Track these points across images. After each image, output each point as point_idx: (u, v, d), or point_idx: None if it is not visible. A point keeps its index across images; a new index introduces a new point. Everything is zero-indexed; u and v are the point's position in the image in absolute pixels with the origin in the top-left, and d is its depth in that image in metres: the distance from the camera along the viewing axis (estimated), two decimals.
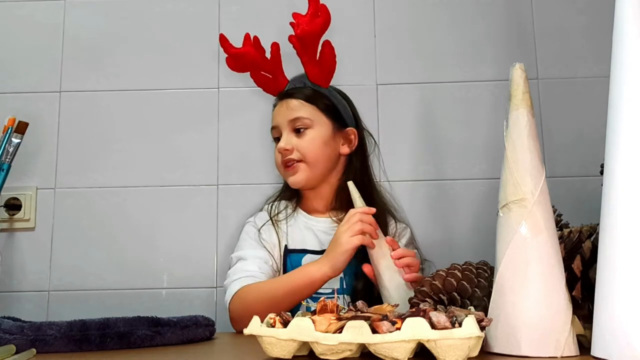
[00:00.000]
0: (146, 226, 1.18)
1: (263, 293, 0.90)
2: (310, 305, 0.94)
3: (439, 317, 0.50)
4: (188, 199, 1.19)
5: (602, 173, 0.54)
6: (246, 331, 0.56)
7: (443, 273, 0.71)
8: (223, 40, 1.04)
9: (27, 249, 1.17)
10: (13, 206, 1.17)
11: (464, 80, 1.21)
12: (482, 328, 0.51)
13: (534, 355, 0.52)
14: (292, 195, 1.09)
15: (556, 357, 0.52)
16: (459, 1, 1.24)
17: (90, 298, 1.15)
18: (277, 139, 1.04)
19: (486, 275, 0.70)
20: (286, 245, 1.02)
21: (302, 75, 1.05)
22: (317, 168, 1.02)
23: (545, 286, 0.54)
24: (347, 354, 0.53)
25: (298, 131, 1.01)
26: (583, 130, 1.17)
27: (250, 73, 1.07)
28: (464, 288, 0.69)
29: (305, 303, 0.93)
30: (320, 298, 0.60)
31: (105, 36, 1.25)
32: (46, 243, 1.17)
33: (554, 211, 0.63)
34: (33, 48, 1.25)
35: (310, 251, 1.01)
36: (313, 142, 1.01)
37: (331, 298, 0.59)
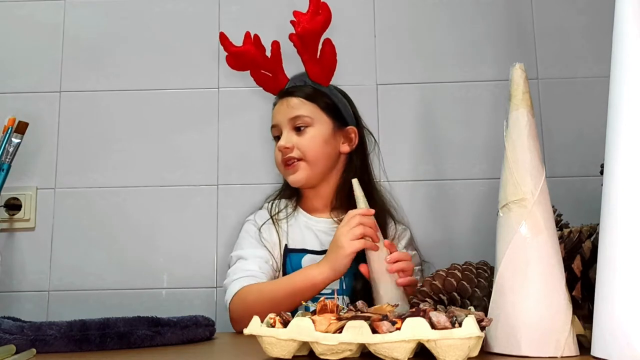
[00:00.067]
0: (146, 226, 1.18)
1: (264, 294, 0.90)
2: (309, 305, 0.94)
3: (439, 317, 0.50)
4: (188, 199, 1.19)
5: (602, 173, 0.54)
6: (246, 331, 0.56)
7: (443, 273, 0.71)
8: (223, 38, 1.04)
9: (27, 249, 1.17)
10: (13, 206, 1.17)
11: (464, 80, 1.21)
12: (482, 328, 0.51)
13: (534, 355, 0.53)
14: (292, 194, 1.09)
15: (556, 357, 0.52)
16: (459, 1, 1.24)
17: (90, 298, 1.15)
18: (277, 138, 1.03)
19: (486, 275, 0.71)
20: (286, 244, 1.02)
21: (303, 73, 1.05)
22: (317, 167, 1.02)
23: (545, 286, 0.54)
24: (347, 354, 0.53)
25: (298, 129, 1.01)
26: (583, 130, 1.17)
27: (250, 72, 1.07)
28: (464, 288, 0.69)
29: (304, 303, 0.93)
30: (320, 298, 0.60)
31: (105, 36, 1.25)
32: (46, 243, 1.17)
33: (554, 211, 0.64)
34: (33, 48, 1.25)
35: (310, 251, 1.00)
36: (313, 141, 1.01)
37: (331, 298, 0.59)
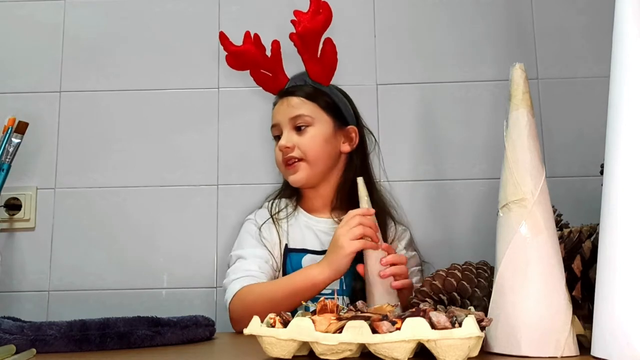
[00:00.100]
0: (146, 226, 1.18)
1: (264, 294, 0.90)
2: (309, 305, 0.94)
3: (439, 317, 0.50)
4: (188, 199, 1.19)
5: (602, 173, 0.54)
6: (246, 331, 0.56)
7: (443, 273, 0.71)
8: (223, 38, 1.04)
9: (27, 249, 1.17)
10: (13, 206, 1.17)
11: (464, 80, 1.21)
12: (482, 328, 0.51)
13: (534, 355, 0.52)
14: (292, 193, 1.08)
15: (556, 357, 0.52)
16: (459, 1, 1.24)
17: (90, 298, 1.15)
18: (278, 138, 1.03)
19: (486, 275, 0.71)
20: (286, 244, 1.01)
21: (303, 73, 1.04)
22: (318, 166, 1.01)
23: (545, 286, 0.54)
24: (347, 354, 0.53)
25: (299, 129, 1.01)
26: (583, 130, 1.17)
27: (250, 71, 1.06)
28: (464, 288, 0.69)
29: (304, 303, 0.93)
30: (320, 298, 0.60)
31: (105, 36, 1.25)
32: (46, 243, 1.17)
33: (554, 211, 0.64)
34: (33, 48, 1.24)
35: (310, 251, 1.00)
36: (314, 140, 1.01)
37: (331, 299, 0.59)
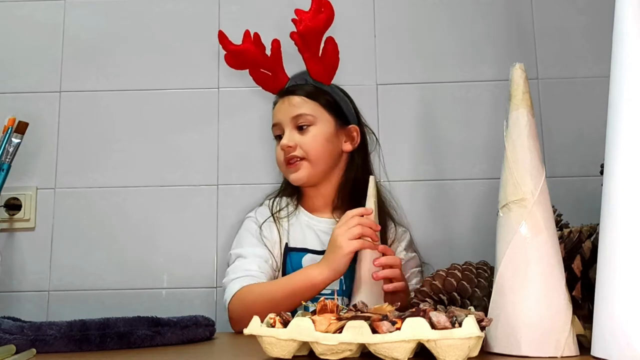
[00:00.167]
0: (146, 226, 1.18)
1: (263, 294, 0.89)
2: (309, 305, 0.94)
3: (439, 317, 0.50)
4: (188, 199, 1.19)
5: (602, 173, 0.54)
6: (246, 331, 0.56)
7: (443, 273, 0.71)
8: (222, 37, 1.03)
9: (27, 249, 1.17)
10: (13, 206, 1.17)
11: (464, 80, 1.21)
12: (482, 328, 0.51)
13: (534, 355, 0.52)
14: (293, 192, 1.08)
15: (556, 357, 0.52)
16: (459, 1, 1.24)
17: (90, 298, 1.15)
18: (279, 137, 1.03)
19: (486, 275, 0.71)
20: (287, 243, 1.01)
21: (303, 72, 1.04)
22: (319, 165, 1.01)
23: (545, 286, 0.54)
24: (347, 354, 0.53)
25: (301, 128, 1.01)
26: (583, 130, 1.17)
27: (249, 70, 1.06)
28: (464, 288, 0.69)
29: (304, 303, 0.93)
30: (319, 298, 0.60)
31: (105, 36, 1.25)
32: (46, 243, 1.17)
33: (554, 211, 0.64)
34: (33, 48, 1.24)
35: (311, 251, 1.00)
36: (316, 139, 1.00)
37: (331, 299, 0.59)
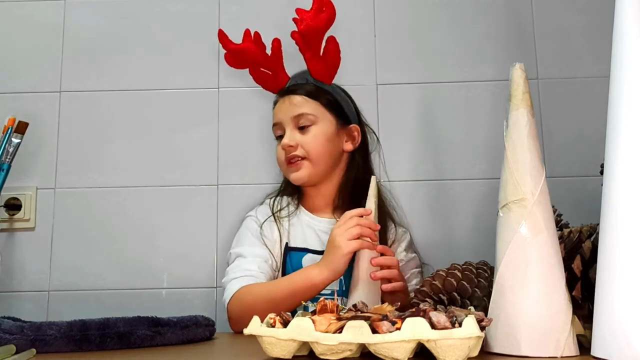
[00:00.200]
0: (146, 226, 1.18)
1: (262, 295, 0.89)
2: (308, 305, 0.94)
3: (439, 317, 0.50)
4: (188, 199, 1.19)
5: (602, 173, 0.54)
6: (246, 331, 0.56)
7: (443, 273, 0.71)
8: (222, 36, 1.03)
9: (27, 249, 1.17)
10: (13, 206, 1.17)
11: (464, 80, 1.21)
12: (482, 328, 0.51)
13: (534, 355, 0.52)
14: (293, 191, 1.08)
15: (556, 357, 0.52)
16: (459, 1, 1.24)
17: (90, 298, 1.15)
18: (279, 136, 1.03)
19: (486, 275, 0.71)
20: (287, 243, 1.01)
21: (304, 71, 1.04)
22: (320, 165, 1.01)
23: (545, 286, 0.54)
24: (347, 354, 0.53)
25: (302, 128, 1.01)
26: (583, 130, 1.17)
27: (249, 70, 1.06)
28: (464, 288, 0.69)
29: (304, 302, 0.93)
30: (319, 299, 0.60)
31: (105, 36, 1.25)
32: (46, 243, 1.17)
33: (554, 211, 0.64)
34: (33, 48, 1.24)
35: (311, 250, 1.00)
36: (317, 139, 1.00)
37: (331, 299, 0.59)
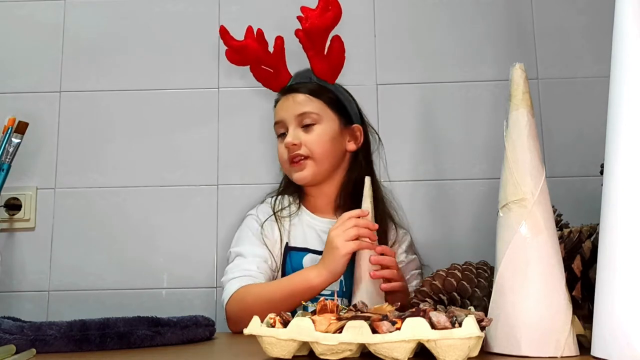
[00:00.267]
0: (146, 226, 1.18)
1: (261, 295, 0.89)
2: (308, 305, 0.93)
3: (439, 317, 0.50)
4: (188, 199, 1.19)
5: (602, 173, 0.54)
6: (246, 331, 0.56)
7: (443, 273, 0.71)
8: (223, 32, 1.02)
9: (27, 249, 1.17)
10: (13, 206, 1.17)
11: (464, 80, 1.21)
12: (482, 328, 0.51)
13: (534, 355, 0.52)
14: (295, 191, 1.07)
15: (556, 357, 0.52)
16: (459, 1, 1.24)
17: (90, 298, 1.15)
18: (282, 135, 1.02)
19: (486, 275, 0.71)
20: (287, 242, 1.01)
21: (307, 70, 1.04)
22: (324, 164, 1.01)
23: (545, 286, 0.54)
24: (347, 354, 0.53)
25: (305, 126, 1.00)
26: (583, 130, 1.17)
27: (250, 67, 1.05)
28: (464, 288, 0.69)
29: (303, 303, 0.93)
30: (319, 299, 0.60)
31: (105, 36, 1.25)
32: (46, 243, 1.17)
33: (554, 211, 0.64)
34: (33, 48, 1.24)
35: (312, 250, 1.00)
36: (321, 138, 1.00)
37: (331, 299, 0.59)
